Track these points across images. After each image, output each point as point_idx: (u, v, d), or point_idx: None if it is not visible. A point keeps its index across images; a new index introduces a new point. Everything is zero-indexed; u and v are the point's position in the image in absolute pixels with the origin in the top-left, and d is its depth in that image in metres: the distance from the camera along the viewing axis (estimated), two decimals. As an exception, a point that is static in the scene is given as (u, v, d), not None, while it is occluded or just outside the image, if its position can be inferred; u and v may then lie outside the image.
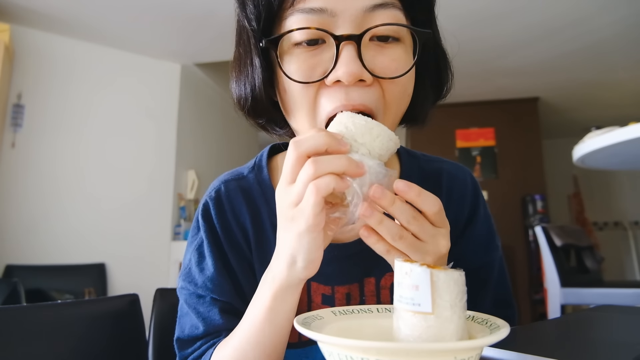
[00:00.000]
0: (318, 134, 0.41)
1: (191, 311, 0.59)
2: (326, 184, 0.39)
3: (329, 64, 0.48)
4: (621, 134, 1.59)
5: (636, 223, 5.77)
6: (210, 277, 0.58)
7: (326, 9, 0.47)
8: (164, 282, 3.40)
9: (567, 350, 0.47)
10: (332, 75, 0.47)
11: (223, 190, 0.63)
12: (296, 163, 0.41)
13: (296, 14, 0.48)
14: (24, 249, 2.98)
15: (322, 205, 0.40)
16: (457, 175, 0.68)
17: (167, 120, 3.69)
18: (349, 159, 0.40)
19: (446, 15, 0.64)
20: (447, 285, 0.36)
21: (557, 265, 2.31)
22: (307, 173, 0.40)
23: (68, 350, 0.68)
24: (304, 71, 0.49)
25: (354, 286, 0.60)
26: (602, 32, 3.30)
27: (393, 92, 0.50)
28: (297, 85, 0.50)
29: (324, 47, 0.49)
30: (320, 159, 0.40)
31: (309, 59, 0.49)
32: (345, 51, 0.47)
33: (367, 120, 0.45)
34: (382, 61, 0.49)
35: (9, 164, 3.01)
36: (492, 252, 0.66)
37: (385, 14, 0.48)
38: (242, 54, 0.56)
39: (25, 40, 3.14)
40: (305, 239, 0.42)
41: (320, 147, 0.41)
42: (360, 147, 0.44)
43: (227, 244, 0.60)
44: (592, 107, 5.11)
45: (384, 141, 0.45)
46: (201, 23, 3.16)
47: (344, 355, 0.34)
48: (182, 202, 3.68)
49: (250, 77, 0.55)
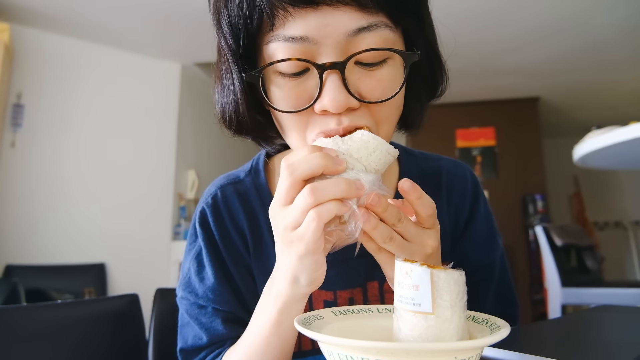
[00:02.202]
0: (313, 155, 0.40)
1: (193, 322, 0.58)
2: (328, 211, 0.39)
3: (314, 91, 0.46)
4: (622, 134, 1.59)
5: (637, 223, 5.76)
6: (210, 287, 0.58)
7: (307, 37, 0.44)
8: (164, 282, 3.39)
9: (567, 350, 0.47)
10: (318, 105, 0.46)
11: (220, 196, 0.62)
12: (291, 188, 0.40)
13: (277, 41, 0.45)
14: (24, 249, 2.98)
15: (322, 230, 0.40)
16: (456, 173, 0.68)
17: (167, 120, 3.69)
18: (348, 184, 0.39)
19: (446, 15, 0.63)
20: (447, 285, 0.36)
21: (558, 265, 2.31)
22: (306, 202, 0.39)
23: (68, 350, 0.68)
24: (290, 100, 0.47)
25: (357, 291, 0.60)
26: (602, 32, 3.30)
27: (383, 112, 0.49)
28: (284, 114, 0.49)
29: (309, 75, 0.47)
30: (319, 186, 0.39)
31: (294, 88, 0.47)
32: (329, 80, 0.44)
33: (363, 134, 0.44)
34: (369, 84, 0.46)
35: (8, 164, 3.01)
36: (493, 251, 0.65)
37: (370, 37, 0.45)
38: (222, 69, 0.53)
39: (25, 40, 3.14)
40: (306, 261, 0.41)
41: (316, 171, 0.40)
42: (356, 162, 0.42)
43: (225, 252, 0.60)
44: (593, 106, 5.11)
45: (380, 156, 0.43)
46: (201, 23, 3.14)
47: (344, 355, 0.34)
48: (182, 202, 3.69)
49: (233, 96, 0.52)
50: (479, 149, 4.80)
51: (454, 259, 0.53)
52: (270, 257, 0.46)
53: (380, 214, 0.41)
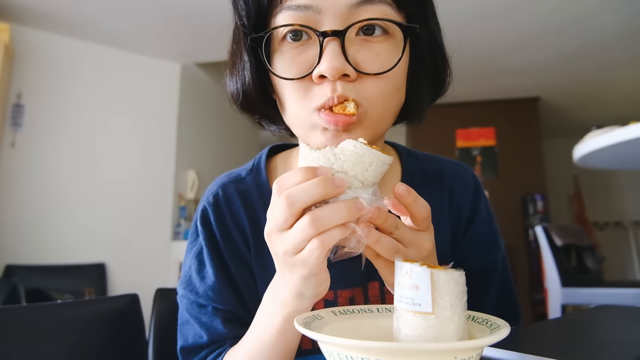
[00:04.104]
0: (311, 183, 0.38)
1: (193, 320, 0.58)
2: (332, 238, 0.38)
3: (314, 61, 0.47)
4: (622, 134, 1.59)
5: (637, 223, 5.77)
6: (211, 286, 0.58)
7: (311, 5, 0.47)
8: (164, 282, 3.40)
9: (567, 350, 0.47)
10: (316, 71, 0.47)
11: (221, 195, 0.62)
12: (291, 217, 0.39)
13: (284, 11, 0.48)
14: (24, 249, 2.98)
15: (326, 255, 0.39)
16: (459, 174, 0.67)
17: (167, 120, 3.69)
18: (348, 209, 0.38)
19: (446, 15, 0.64)
20: (447, 285, 0.36)
21: (558, 265, 2.31)
22: (307, 231, 0.38)
23: (68, 350, 0.68)
24: (290, 68, 0.49)
25: (358, 290, 0.60)
26: (602, 32, 3.30)
27: (379, 87, 0.49)
28: (286, 83, 0.50)
29: (310, 44, 0.49)
30: (320, 216, 0.37)
31: (295, 56, 0.49)
32: (329, 47, 0.46)
33: (356, 145, 0.41)
34: (367, 55, 0.48)
35: (9, 164, 3.01)
36: (495, 252, 0.65)
37: (371, 10, 0.47)
38: (235, 50, 0.56)
39: (25, 40, 3.14)
40: (310, 281, 0.41)
41: (316, 199, 0.38)
42: (352, 180, 0.40)
43: (226, 251, 0.60)
44: (593, 106, 5.11)
45: (377, 168, 0.42)
46: (201, 23, 3.16)
47: (344, 355, 0.34)
48: (182, 202, 3.69)
49: (241, 74, 0.55)
50: (479, 149, 4.80)
51: (455, 259, 0.53)
52: (271, 257, 0.46)
53: (380, 225, 0.41)
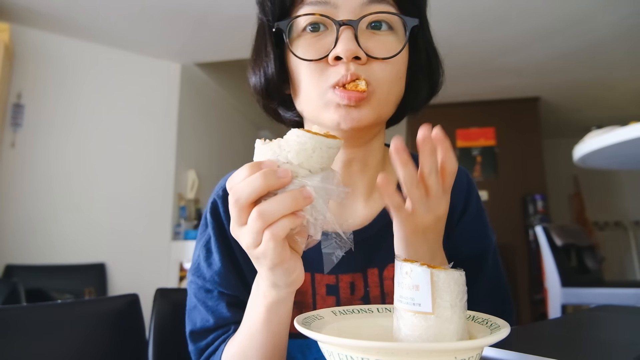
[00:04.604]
0: (253, 177, 0.40)
1: (200, 305, 0.62)
2: (282, 228, 0.40)
3: (330, 46, 0.54)
4: (622, 134, 1.59)
5: (637, 223, 5.77)
6: (217, 272, 0.62)
7: (329, 1, 0.55)
8: (164, 282, 3.40)
9: (567, 350, 0.47)
10: (332, 52, 0.54)
11: None
12: (241, 213, 0.41)
13: (305, 6, 0.57)
14: (24, 249, 2.98)
15: (282, 244, 0.41)
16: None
17: (167, 120, 3.69)
18: (294, 199, 0.39)
19: (447, 15, 0.65)
20: (447, 285, 0.36)
21: (558, 265, 2.31)
22: (257, 225, 0.40)
23: (68, 350, 0.68)
24: (309, 52, 0.56)
25: (358, 276, 0.62)
26: (602, 32, 3.30)
27: (386, 71, 0.56)
28: (304, 64, 0.56)
29: (327, 33, 0.56)
30: (265, 209, 0.39)
31: (314, 43, 0.56)
32: (344, 34, 0.54)
33: (298, 134, 0.41)
34: (375, 43, 0.55)
35: (8, 164, 3.01)
36: (484, 242, 0.68)
37: (379, 7, 0.56)
38: (260, 45, 0.63)
39: (25, 40, 3.13)
40: (277, 271, 0.43)
41: (259, 192, 0.40)
42: (298, 169, 0.41)
43: (234, 240, 0.62)
44: (593, 106, 5.11)
45: (322, 154, 0.41)
46: (201, 23, 3.16)
47: (344, 355, 0.34)
48: (182, 202, 3.68)
49: (265, 64, 0.61)
50: (479, 149, 4.80)
51: (446, 249, 0.56)
52: None
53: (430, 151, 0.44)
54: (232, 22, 3.12)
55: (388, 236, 0.52)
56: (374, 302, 0.61)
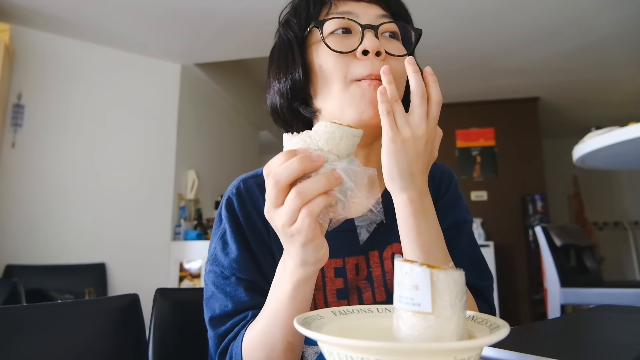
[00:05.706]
0: (290, 162, 0.45)
1: (219, 292, 0.66)
2: (317, 205, 0.45)
3: (356, 44, 0.64)
4: (621, 134, 1.59)
5: (636, 223, 5.77)
6: (234, 259, 0.66)
7: (352, 12, 0.66)
8: (164, 282, 3.40)
9: (567, 350, 0.47)
10: (360, 47, 0.63)
11: (243, 187, 0.72)
12: (279, 194, 0.46)
13: (332, 16, 0.67)
14: (24, 249, 2.98)
15: (316, 221, 0.46)
16: (436, 166, 0.80)
17: (167, 120, 3.69)
18: (327, 179, 0.45)
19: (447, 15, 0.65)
20: (447, 285, 0.36)
21: (557, 265, 2.32)
22: (295, 203, 0.45)
23: (68, 350, 0.68)
24: (339, 47, 0.64)
25: (361, 258, 0.70)
26: (602, 32, 3.31)
27: (399, 68, 0.63)
28: (331, 59, 0.64)
29: (352, 36, 0.65)
30: (303, 189, 0.45)
31: (342, 40, 0.65)
32: (368, 34, 0.64)
33: (327, 125, 0.47)
34: (391, 45, 0.66)
35: (9, 164, 3.01)
36: (460, 219, 0.75)
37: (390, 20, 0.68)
38: (285, 57, 0.70)
39: (25, 40, 3.14)
40: (309, 248, 0.48)
41: (297, 175, 0.45)
42: (328, 155, 0.47)
43: (248, 231, 0.69)
44: (592, 107, 5.12)
45: (348, 141, 0.48)
46: (201, 23, 3.16)
47: (344, 355, 0.34)
48: (182, 202, 3.68)
49: (291, 68, 0.68)
50: (479, 149, 4.81)
51: None
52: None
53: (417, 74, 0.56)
54: (232, 22, 3.12)
55: (385, 222, 0.56)
56: (376, 280, 0.69)
